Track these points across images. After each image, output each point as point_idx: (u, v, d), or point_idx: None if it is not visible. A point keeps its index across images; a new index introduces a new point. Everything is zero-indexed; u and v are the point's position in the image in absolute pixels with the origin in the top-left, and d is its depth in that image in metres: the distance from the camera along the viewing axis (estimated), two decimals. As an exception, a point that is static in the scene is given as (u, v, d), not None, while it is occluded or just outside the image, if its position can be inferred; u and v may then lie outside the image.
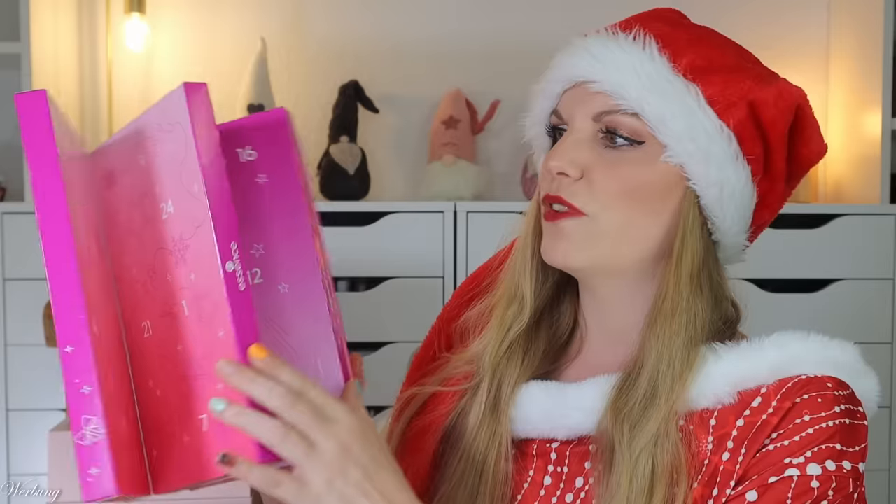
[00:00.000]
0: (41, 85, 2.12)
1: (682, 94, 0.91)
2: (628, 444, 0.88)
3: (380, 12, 2.42)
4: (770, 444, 0.86)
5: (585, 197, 0.92)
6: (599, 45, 0.94)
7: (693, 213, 0.92)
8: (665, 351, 0.90)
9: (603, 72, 0.92)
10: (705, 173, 0.91)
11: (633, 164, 0.91)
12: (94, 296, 0.76)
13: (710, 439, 0.89)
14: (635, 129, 0.91)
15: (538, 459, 0.96)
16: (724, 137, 0.91)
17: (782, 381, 0.88)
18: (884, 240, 2.14)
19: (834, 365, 0.90)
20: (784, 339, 0.91)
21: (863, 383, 0.91)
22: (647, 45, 0.92)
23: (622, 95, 0.91)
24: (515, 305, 0.99)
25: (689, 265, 0.92)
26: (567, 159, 0.92)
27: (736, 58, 0.95)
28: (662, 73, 0.91)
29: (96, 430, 0.73)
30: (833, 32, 2.43)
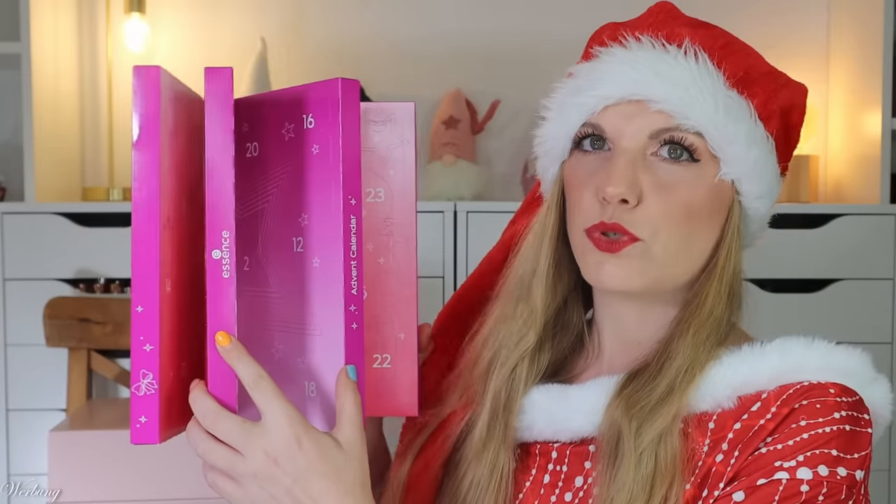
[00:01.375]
0: (41, 85, 2.12)
1: (741, 110, 0.90)
2: (635, 438, 0.88)
3: (380, 12, 2.42)
4: (763, 448, 0.85)
5: (643, 222, 0.89)
6: (657, 60, 0.91)
7: (737, 226, 0.92)
8: (692, 356, 0.90)
9: (667, 90, 0.89)
10: (758, 187, 0.92)
11: (688, 185, 0.90)
12: (173, 254, 0.84)
13: (706, 442, 0.88)
14: (695, 146, 0.90)
15: (540, 458, 0.97)
16: (770, 148, 0.92)
17: (783, 388, 0.88)
18: (884, 240, 2.14)
19: (838, 371, 0.88)
20: (787, 344, 0.90)
21: (873, 390, 0.90)
22: (701, 58, 0.90)
23: (686, 115, 0.89)
24: (524, 323, 0.98)
25: (730, 276, 0.92)
26: (626, 185, 0.88)
27: (760, 61, 0.95)
28: (721, 89, 0.90)
29: (150, 384, 0.80)
30: (833, 32, 2.43)
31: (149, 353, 0.80)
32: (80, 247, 2.08)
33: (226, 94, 0.84)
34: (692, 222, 0.90)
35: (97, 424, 1.82)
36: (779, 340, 0.91)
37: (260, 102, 0.92)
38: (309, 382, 0.88)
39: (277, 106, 0.90)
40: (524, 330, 0.98)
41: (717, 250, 0.93)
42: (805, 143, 2.38)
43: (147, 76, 0.81)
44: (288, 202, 0.88)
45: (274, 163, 0.90)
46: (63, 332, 2.04)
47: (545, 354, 0.99)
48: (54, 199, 2.17)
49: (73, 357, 2.06)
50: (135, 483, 1.67)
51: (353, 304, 0.85)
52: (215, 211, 0.82)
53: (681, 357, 0.90)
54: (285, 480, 0.80)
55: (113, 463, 1.67)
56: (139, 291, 0.80)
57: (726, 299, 0.92)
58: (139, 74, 0.81)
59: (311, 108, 0.86)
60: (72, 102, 2.32)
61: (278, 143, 0.89)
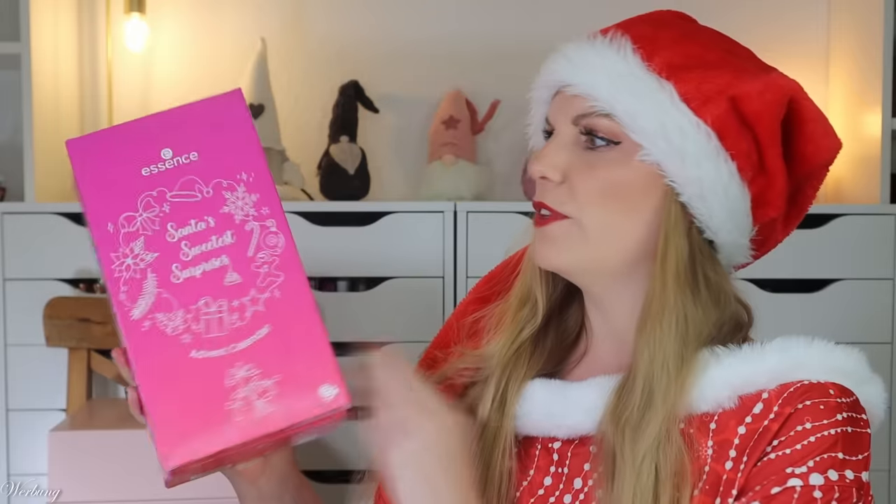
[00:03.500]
0: (41, 85, 2.12)
1: (653, 91, 0.91)
2: (630, 450, 0.87)
3: (380, 12, 2.42)
4: (771, 452, 0.86)
5: (567, 200, 0.93)
6: (575, 49, 0.95)
7: (674, 211, 0.92)
8: (657, 352, 0.90)
9: (577, 75, 0.93)
10: (681, 171, 0.91)
11: (610, 165, 0.92)
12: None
13: (709, 443, 0.88)
14: (611, 129, 0.91)
15: (540, 459, 0.97)
16: (700, 134, 0.90)
17: (784, 387, 0.88)
18: (884, 240, 2.14)
19: (837, 371, 0.89)
20: (786, 343, 0.90)
21: (868, 390, 0.90)
22: (621, 46, 0.93)
23: (595, 97, 0.92)
24: (528, 309, 1.00)
25: (673, 264, 0.91)
26: (548, 163, 0.93)
27: (721, 53, 0.93)
28: (634, 72, 0.91)
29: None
30: (833, 32, 2.43)
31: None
32: (80, 247, 2.07)
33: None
34: (615, 199, 0.92)
35: (97, 424, 1.82)
36: (778, 340, 0.91)
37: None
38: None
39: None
40: (529, 316, 1.00)
41: (657, 237, 0.93)
42: (805, 143, 2.38)
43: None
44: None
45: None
46: (63, 332, 2.04)
47: (545, 348, 1.00)
48: (54, 199, 2.17)
49: (73, 357, 2.06)
50: (135, 483, 1.67)
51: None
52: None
53: (646, 356, 0.90)
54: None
55: (113, 463, 1.67)
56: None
57: (678, 289, 0.91)
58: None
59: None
60: (72, 102, 2.32)
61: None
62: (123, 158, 0.87)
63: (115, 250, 0.85)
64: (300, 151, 2.36)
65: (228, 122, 0.90)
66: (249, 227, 0.88)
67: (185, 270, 0.86)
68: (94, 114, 2.38)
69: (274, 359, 0.85)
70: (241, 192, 0.88)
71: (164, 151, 0.88)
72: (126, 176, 0.87)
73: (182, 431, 0.83)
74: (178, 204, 0.87)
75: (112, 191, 0.86)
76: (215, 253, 0.87)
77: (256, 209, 0.88)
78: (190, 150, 0.88)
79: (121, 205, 0.86)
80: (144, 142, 0.88)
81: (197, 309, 0.85)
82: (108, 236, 0.85)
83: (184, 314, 0.85)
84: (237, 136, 0.90)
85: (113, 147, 0.88)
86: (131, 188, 0.87)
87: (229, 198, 0.88)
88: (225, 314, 0.85)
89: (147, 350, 0.84)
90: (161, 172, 0.87)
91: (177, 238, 0.86)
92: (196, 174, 0.88)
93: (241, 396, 0.84)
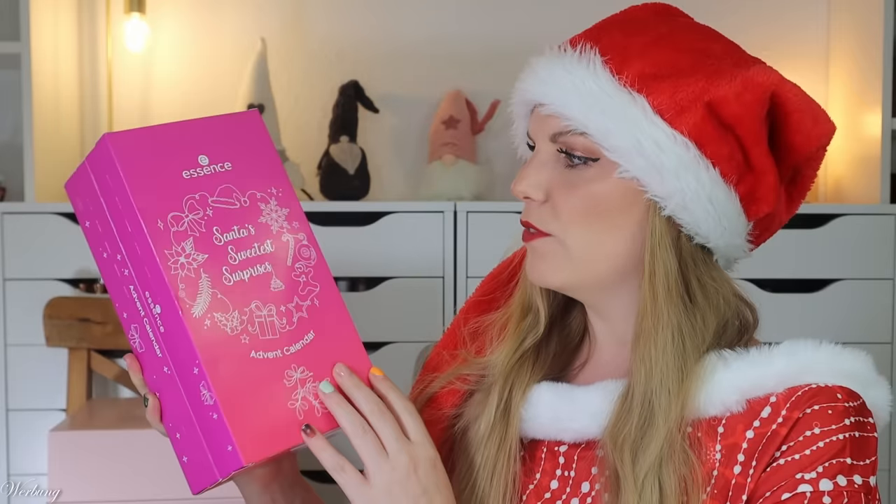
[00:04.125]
0: (41, 85, 2.12)
1: (626, 107, 0.89)
2: (631, 470, 0.87)
3: (380, 12, 2.42)
4: (781, 458, 0.86)
5: (550, 219, 0.92)
6: (545, 66, 0.94)
7: (658, 225, 0.90)
8: (654, 370, 0.89)
9: (549, 94, 0.92)
10: (661, 185, 0.89)
11: (589, 183, 0.91)
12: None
13: (717, 448, 0.88)
14: (587, 147, 0.90)
15: (546, 462, 0.96)
16: (678, 145, 0.88)
17: (791, 390, 0.87)
18: (884, 240, 2.14)
19: (845, 374, 0.88)
20: (794, 347, 0.90)
21: (874, 393, 0.90)
22: (591, 61, 0.91)
23: (567, 116, 0.90)
24: (530, 319, 1.00)
25: (662, 278, 0.90)
26: (530, 183, 0.93)
27: (695, 56, 0.90)
28: (605, 88, 0.89)
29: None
30: (833, 32, 2.43)
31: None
32: (80, 247, 2.06)
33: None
34: (596, 217, 0.91)
35: (97, 424, 1.82)
36: (786, 343, 0.90)
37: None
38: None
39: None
40: (532, 324, 0.99)
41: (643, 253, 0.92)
42: (805, 143, 2.38)
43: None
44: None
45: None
46: (63, 332, 2.04)
47: (548, 352, 1.00)
48: (54, 199, 2.17)
49: (73, 357, 2.06)
50: (135, 483, 1.67)
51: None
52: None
53: (643, 375, 0.89)
54: (416, 489, 0.88)
55: (113, 463, 1.67)
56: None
57: (670, 304, 0.90)
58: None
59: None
60: (72, 102, 2.32)
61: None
62: (165, 158, 0.87)
63: (168, 247, 0.85)
64: (300, 151, 2.36)
65: (251, 139, 0.92)
66: (285, 238, 0.90)
67: (234, 273, 0.87)
68: (94, 114, 2.38)
69: (321, 362, 0.89)
70: (273, 206, 0.91)
71: (200, 157, 0.89)
72: (168, 176, 0.87)
73: (255, 428, 0.84)
74: (220, 210, 0.88)
75: (157, 188, 0.86)
76: (259, 260, 0.89)
77: (288, 222, 0.91)
78: (224, 160, 0.90)
79: (167, 203, 0.86)
80: (182, 145, 0.89)
81: (250, 311, 0.87)
82: (160, 233, 0.85)
83: (239, 315, 0.86)
84: (261, 153, 0.92)
85: (154, 146, 0.87)
86: (175, 188, 0.87)
87: (264, 209, 0.90)
88: (275, 318, 0.88)
89: (212, 347, 0.84)
90: (200, 177, 0.88)
91: (223, 242, 0.87)
92: (232, 183, 0.89)
93: (301, 396, 0.87)
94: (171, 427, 0.89)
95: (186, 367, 0.85)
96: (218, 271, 0.86)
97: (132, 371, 0.92)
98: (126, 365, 0.92)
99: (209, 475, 0.86)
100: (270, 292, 0.88)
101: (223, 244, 0.87)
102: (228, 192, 0.89)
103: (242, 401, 0.84)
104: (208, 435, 0.85)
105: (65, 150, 2.28)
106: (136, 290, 0.87)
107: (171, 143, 0.88)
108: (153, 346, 0.88)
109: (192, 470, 0.88)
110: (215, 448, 0.85)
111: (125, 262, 0.87)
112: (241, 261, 0.87)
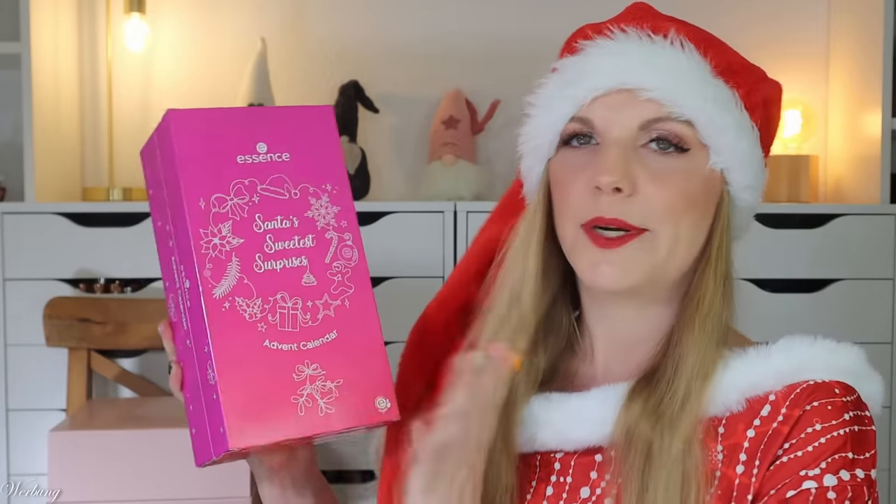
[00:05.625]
0: (41, 85, 2.12)
1: (728, 100, 0.90)
2: (668, 446, 0.86)
3: (380, 12, 2.42)
4: (783, 456, 0.86)
5: (642, 214, 0.88)
6: (644, 49, 0.90)
7: (730, 218, 0.92)
8: (702, 354, 0.89)
9: (657, 78, 0.88)
10: (745, 178, 0.91)
11: (682, 174, 0.88)
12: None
13: (719, 448, 0.88)
14: (685, 136, 0.89)
15: (541, 470, 0.95)
16: (755, 139, 0.91)
17: (790, 388, 0.88)
18: (884, 240, 2.14)
19: (840, 370, 0.89)
20: (791, 344, 0.90)
21: (867, 386, 0.91)
22: (685, 48, 0.90)
23: (677, 103, 0.88)
24: (518, 328, 0.95)
25: (724, 268, 0.91)
26: (620, 173, 0.87)
27: (738, 55, 0.94)
28: (708, 78, 0.89)
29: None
30: (833, 32, 2.43)
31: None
32: (80, 247, 2.08)
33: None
34: (691, 212, 0.89)
35: (97, 424, 1.82)
36: (783, 341, 0.91)
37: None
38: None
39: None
40: (517, 336, 0.95)
41: (709, 242, 0.92)
42: (805, 143, 2.39)
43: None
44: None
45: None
46: (63, 332, 2.04)
47: (539, 359, 0.97)
48: (54, 199, 2.17)
49: (73, 357, 2.06)
50: (135, 483, 1.67)
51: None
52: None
53: (692, 356, 0.89)
54: None
55: (113, 463, 1.67)
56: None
57: (722, 294, 0.91)
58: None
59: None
60: (72, 102, 2.32)
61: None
62: (221, 141, 0.89)
63: (204, 227, 0.87)
64: (300, 151, 2.36)
65: (319, 134, 0.93)
66: (329, 235, 0.92)
67: (266, 262, 0.88)
68: (94, 114, 2.38)
69: (338, 363, 0.89)
70: (324, 201, 0.92)
71: (259, 145, 0.91)
72: (222, 158, 0.89)
73: (250, 415, 0.85)
74: (267, 198, 0.90)
75: (207, 169, 0.88)
76: (296, 252, 0.90)
77: (337, 220, 0.92)
78: (283, 150, 0.91)
79: (214, 185, 0.88)
80: (242, 131, 0.90)
81: (274, 301, 0.88)
82: (199, 212, 0.87)
83: (262, 303, 0.87)
84: (326, 149, 0.93)
85: (212, 128, 0.90)
86: (225, 171, 0.89)
87: (314, 203, 0.91)
88: (299, 312, 0.89)
89: (225, 329, 0.86)
90: (254, 164, 0.90)
91: (263, 230, 0.89)
92: (285, 174, 0.91)
93: (306, 393, 0.87)
94: (188, 398, 0.92)
95: (200, 345, 0.87)
96: (250, 257, 0.88)
97: (165, 337, 0.93)
98: (160, 330, 0.93)
99: (207, 451, 0.88)
100: (301, 286, 0.89)
101: (262, 232, 0.88)
102: (280, 181, 0.90)
103: (244, 387, 0.85)
104: (209, 413, 0.87)
105: (65, 150, 2.28)
106: (175, 261, 0.90)
107: (232, 127, 0.90)
108: (182, 317, 0.90)
109: (197, 443, 0.90)
110: (213, 427, 0.87)
111: (172, 233, 0.90)
112: (277, 251, 0.89)
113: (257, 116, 0.91)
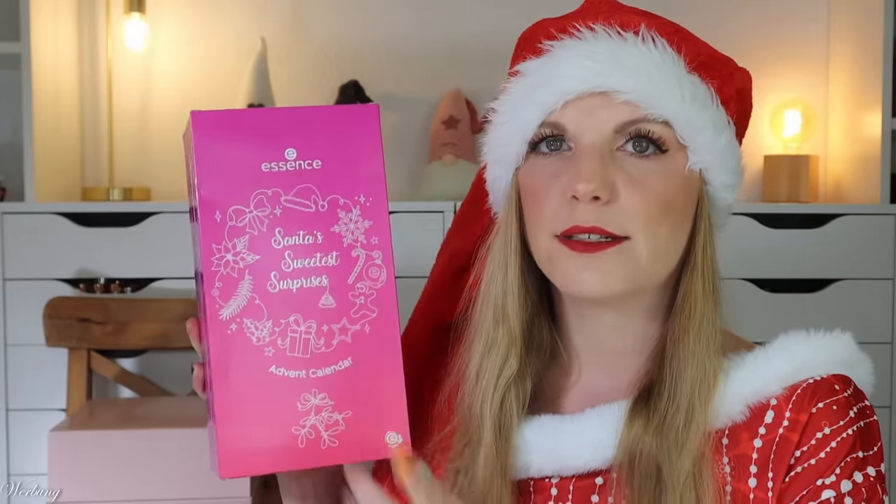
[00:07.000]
0: (41, 85, 2.12)
1: (705, 96, 0.86)
2: (678, 466, 0.83)
3: (380, 12, 2.42)
4: (797, 466, 0.85)
5: (621, 221, 0.83)
6: (616, 48, 0.85)
7: (710, 218, 0.88)
8: (701, 366, 0.85)
9: (632, 80, 0.84)
10: (723, 176, 0.88)
11: (660, 177, 0.84)
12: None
13: (725, 460, 0.86)
14: (663, 137, 0.84)
15: (536, 495, 0.91)
16: (731, 134, 0.88)
17: (791, 389, 0.87)
18: (884, 240, 2.14)
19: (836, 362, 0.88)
20: (787, 343, 0.88)
21: (860, 371, 0.90)
22: (657, 44, 0.85)
23: (653, 104, 0.83)
24: (506, 348, 0.91)
25: (710, 272, 0.87)
26: (598, 181, 0.82)
27: (708, 46, 0.89)
28: (683, 74, 0.85)
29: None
30: (833, 33, 2.43)
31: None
32: (80, 247, 2.08)
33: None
34: (671, 217, 0.85)
35: (97, 424, 1.82)
36: (778, 342, 0.89)
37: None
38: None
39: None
40: (506, 354, 0.91)
41: (691, 246, 0.88)
42: (805, 143, 2.39)
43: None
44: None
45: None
46: (63, 332, 2.04)
47: (527, 379, 0.92)
48: (54, 199, 2.17)
49: (73, 357, 2.06)
50: (135, 483, 1.67)
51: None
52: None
53: (691, 368, 0.85)
54: None
55: (113, 463, 1.67)
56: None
57: (711, 297, 0.87)
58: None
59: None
60: (72, 102, 2.32)
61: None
62: (246, 147, 0.81)
63: (217, 242, 0.80)
64: (300, 151, 2.36)
65: (359, 139, 0.85)
66: (356, 253, 0.83)
67: (282, 281, 0.81)
68: (94, 114, 2.38)
69: (349, 393, 0.82)
70: (354, 215, 0.83)
71: (288, 151, 0.82)
72: (245, 166, 0.81)
73: (246, 445, 0.80)
74: (291, 210, 0.81)
75: (228, 178, 0.80)
76: (316, 272, 0.82)
77: (366, 237, 0.83)
78: (314, 157, 0.82)
79: (233, 196, 0.80)
80: (270, 135, 0.82)
81: (286, 324, 0.81)
82: (214, 225, 0.80)
83: (272, 326, 0.80)
84: (364, 156, 0.84)
85: (238, 132, 0.81)
86: (248, 181, 0.81)
87: (342, 217, 0.82)
88: (312, 336, 0.81)
89: (229, 353, 0.80)
90: (281, 172, 0.81)
91: (282, 245, 0.81)
92: (315, 184, 0.82)
93: (309, 424, 0.81)
94: (207, 407, 0.86)
95: (207, 360, 0.82)
96: (265, 276, 0.80)
97: (192, 336, 0.86)
98: (188, 328, 0.86)
99: (216, 468, 0.83)
100: (317, 308, 0.81)
101: (281, 248, 0.81)
102: (307, 192, 0.82)
103: (243, 414, 0.80)
104: (212, 433, 0.83)
105: (65, 150, 2.28)
106: (198, 266, 0.84)
107: (260, 131, 0.82)
108: (203, 322, 0.84)
109: (212, 456, 0.85)
110: (213, 448, 0.83)
111: (194, 235, 0.84)
112: (295, 269, 0.81)
113: (290, 118, 0.83)
